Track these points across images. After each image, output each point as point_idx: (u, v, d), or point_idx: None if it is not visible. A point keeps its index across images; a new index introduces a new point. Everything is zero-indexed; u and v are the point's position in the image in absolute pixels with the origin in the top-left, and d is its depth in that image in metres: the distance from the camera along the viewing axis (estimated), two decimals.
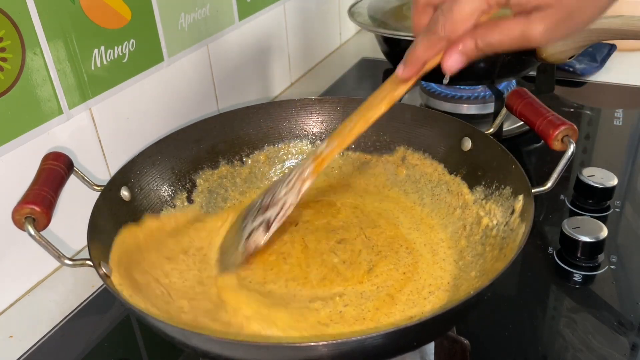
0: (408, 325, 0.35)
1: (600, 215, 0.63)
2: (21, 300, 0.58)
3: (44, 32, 0.55)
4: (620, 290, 0.54)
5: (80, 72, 0.59)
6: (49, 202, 0.43)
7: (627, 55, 1.01)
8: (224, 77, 0.82)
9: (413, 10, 0.43)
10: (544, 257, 0.58)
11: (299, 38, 1.00)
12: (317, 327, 0.45)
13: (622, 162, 0.73)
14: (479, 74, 0.76)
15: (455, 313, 0.38)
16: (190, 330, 0.38)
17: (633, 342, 0.49)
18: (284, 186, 0.50)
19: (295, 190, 0.49)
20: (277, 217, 0.49)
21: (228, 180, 0.62)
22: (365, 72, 1.05)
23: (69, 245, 0.62)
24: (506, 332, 0.50)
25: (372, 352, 0.37)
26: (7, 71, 0.52)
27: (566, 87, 0.93)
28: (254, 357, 0.37)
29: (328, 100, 0.64)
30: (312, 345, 0.35)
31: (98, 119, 0.63)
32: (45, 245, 0.41)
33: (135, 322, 0.54)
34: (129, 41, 0.64)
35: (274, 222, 0.49)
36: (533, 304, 0.53)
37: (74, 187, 0.54)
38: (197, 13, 0.74)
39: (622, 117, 0.82)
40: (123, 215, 0.51)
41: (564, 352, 0.48)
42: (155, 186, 0.56)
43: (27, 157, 0.55)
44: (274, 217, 0.49)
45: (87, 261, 0.42)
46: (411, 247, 0.53)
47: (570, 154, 0.47)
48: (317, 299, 0.47)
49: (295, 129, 0.64)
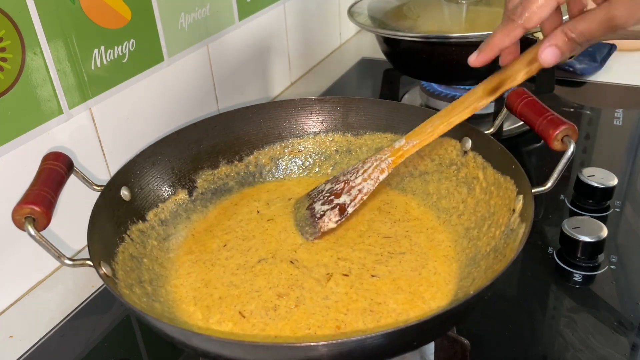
0: (408, 326, 0.35)
1: (601, 215, 0.63)
2: (21, 300, 0.58)
3: (44, 32, 0.55)
4: (620, 290, 0.54)
5: (80, 72, 0.59)
6: (48, 202, 0.43)
7: (627, 55, 1.01)
8: (224, 77, 0.82)
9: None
10: (544, 257, 0.58)
11: (299, 38, 1.00)
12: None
13: (622, 162, 0.73)
14: (479, 74, 0.76)
15: (455, 313, 0.38)
16: (190, 330, 0.38)
17: (633, 342, 0.49)
18: (359, 175, 0.54)
19: (373, 180, 0.54)
20: (354, 201, 0.53)
21: (228, 180, 0.62)
22: (365, 72, 1.05)
23: (69, 245, 0.62)
24: (506, 332, 0.50)
25: (372, 352, 0.37)
26: (7, 71, 0.52)
27: (566, 87, 0.93)
28: (254, 357, 0.37)
29: (328, 100, 0.64)
30: (311, 345, 0.35)
31: (98, 119, 0.63)
32: (45, 245, 0.41)
33: (135, 322, 0.54)
34: (129, 41, 0.64)
35: (349, 207, 0.53)
36: (533, 304, 0.53)
37: (74, 187, 0.54)
38: (197, 13, 0.74)
39: (622, 117, 0.82)
40: (123, 215, 0.51)
41: (563, 351, 0.48)
42: (156, 186, 0.56)
43: (27, 157, 0.55)
44: (349, 201, 0.54)
45: (87, 261, 0.42)
46: (412, 248, 0.53)
47: (570, 154, 0.47)
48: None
49: (295, 128, 0.64)
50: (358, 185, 0.54)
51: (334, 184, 0.55)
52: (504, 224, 0.49)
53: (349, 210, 0.53)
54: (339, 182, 0.55)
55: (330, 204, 0.54)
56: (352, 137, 0.64)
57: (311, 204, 0.56)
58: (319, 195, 0.56)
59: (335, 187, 0.55)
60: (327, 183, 0.57)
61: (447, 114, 0.52)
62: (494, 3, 0.82)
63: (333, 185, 0.55)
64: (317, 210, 0.54)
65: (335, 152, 0.64)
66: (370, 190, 0.53)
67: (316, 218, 0.54)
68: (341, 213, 0.53)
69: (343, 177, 0.56)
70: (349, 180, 0.55)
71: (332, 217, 0.53)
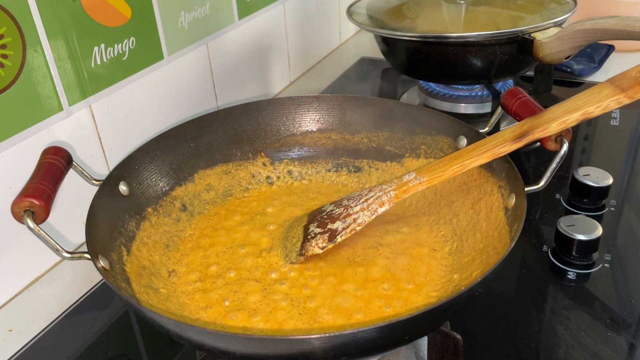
0: (399, 320, 0.36)
1: (596, 214, 0.64)
2: (20, 294, 0.59)
3: (45, 30, 0.55)
4: (614, 288, 0.55)
5: (80, 70, 0.60)
6: (48, 195, 0.43)
7: (625, 56, 1.01)
8: (223, 75, 0.83)
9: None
10: (539, 255, 0.59)
11: (298, 37, 1.00)
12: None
13: (619, 162, 0.74)
14: (477, 74, 0.77)
15: (446, 308, 0.38)
16: (185, 323, 0.39)
17: (626, 339, 0.49)
18: (359, 203, 0.51)
19: (371, 211, 0.50)
20: (346, 230, 0.50)
21: (226, 177, 0.62)
22: (365, 71, 1.05)
23: (68, 240, 0.63)
24: (500, 328, 0.51)
25: (365, 346, 0.37)
26: (7, 68, 0.53)
27: (564, 88, 0.93)
28: (248, 350, 0.37)
29: (325, 98, 0.64)
30: (304, 338, 0.35)
31: (98, 116, 0.63)
32: (43, 238, 0.42)
33: (133, 317, 0.55)
34: (129, 39, 0.65)
35: (340, 235, 0.50)
36: (527, 301, 0.54)
37: (74, 182, 0.54)
38: (197, 12, 0.74)
39: (618, 118, 0.83)
40: (121, 209, 0.51)
41: (556, 348, 0.49)
42: (154, 181, 0.56)
43: (28, 154, 0.56)
44: (340, 229, 0.51)
45: (85, 254, 0.43)
46: (404, 243, 0.54)
47: (562, 154, 0.47)
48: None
49: (293, 126, 0.64)
50: (354, 214, 0.51)
51: (335, 207, 0.53)
52: (498, 221, 0.49)
53: (338, 239, 0.50)
54: (340, 206, 0.53)
55: (323, 228, 0.52)
56: (349, 135, 0.64)
57: (309, 222, 0.54)
58: (318, 215, 0.54)
59: (335, 210, 0.53)
60: (330, 204, 0.54)
61: (464, 155, 0.49)
62: (493, 3, 0.83)
63: (334, 209, 0.53)
64: (311, 230, 0.52)
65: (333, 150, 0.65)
66: (366, 222, 0.50)
67: (307, 238, 0.52)
68: (330, 240, 0.50)
69: (346, 201, 0.53)
70: (348, 207, 0.52)
71: (319, 242, 0.51)
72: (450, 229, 0.54)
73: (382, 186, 0.52)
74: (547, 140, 0.48)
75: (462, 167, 0.49)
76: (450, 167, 0.49)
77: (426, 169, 0.50)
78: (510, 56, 0.74)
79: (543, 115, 0.47)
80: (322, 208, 0.55)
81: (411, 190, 0.50)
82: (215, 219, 0.59)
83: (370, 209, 0.50)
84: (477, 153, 0.48)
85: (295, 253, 0.52)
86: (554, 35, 0.68)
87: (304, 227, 0.53)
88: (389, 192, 0.51)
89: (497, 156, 0.48)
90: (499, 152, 0.48)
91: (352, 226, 0.50)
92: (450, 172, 0.49)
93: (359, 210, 0.51)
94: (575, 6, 0.77)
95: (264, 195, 0.63)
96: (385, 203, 0.50)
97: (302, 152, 0.65)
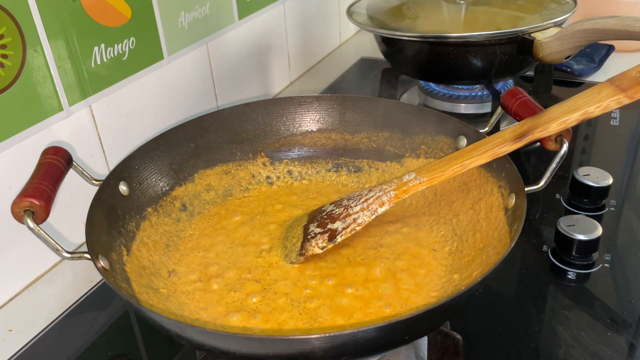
0: (399, 320, 0.36)
1: (596, 214, 0.64)
2: (20, 294, 0.59)
3: (45, 30, 0.55)
4: (614, 288, 0.55)
5: (80, 70, 0.60)
6: (47, 195, 0.43)
7: (625, 56, 1.01)
8: (223, 75, 0.83)
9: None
10: (539, 255, 0.59)
11: (298, 37, 1.01)
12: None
13: (619, 162, 0.74)
14: (477, 74, 0.77)
15: (446, 309, 0.38)
16: (185, 323, 0.39)
17: (626, 339, 0.49)
18: (359, 203, 0.51)
19: (371, 211, 0.50)
20: (346, 230, 0.50)
21: (226, 177, 0.62)
22: (365, 71, 1.05)
23: (69, 240, 0.63)
24: (500, 328, 0.51)
25: (365, 346, 0.37)
26: (7, 68, 0.53)
27: (564, 88, 0.93)
28: (248, 350, 0.37)
29: (325, 98, 0.64)
30: (304, 338, 0.35)
31: (98, 116, 0.63)
32: (43, 238, 0.42)
33: (133, 317, 0.55)
34: (129, 39, 0.65)
35: (340, 235, 0.50)
36: (527, 301, 0.54)
37: (74, 182, 0.54)
38: (197, 12, 0.74)
39: (618, 118, 0.83)
40: (121, 209, 0.52)
41: (556, 348, 0.49)
42: (154, 181, 0.56)
43: (28, 154, 0.56)
44: (340, 229, 0.51)
45: (85, 254, 0.43)
46: (405, 244, 0.54)
47: (562, 154, 0.47)
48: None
49: (293, 126, 0.65)
50: (354, 214, 0.51)
51: (335, 207, 0.53)
52: (498, 221, 0.49)
53: (338, 239, 0.50)
54: (340, 206, 0.53)
55: (323, 228, 0.51)
56: (349, 135, 0.64)
57: (309, 222, 0.54)
58: (318, 215, 0.54)
59: (335, 210, 0.53)
60: (330, 204, 0.54)
61: (464, 155, 0.49)
62: (493, 3, 0.83)
63: (334, 209, 0.53)
64: (311, 230, 0.52)
65: (333, 150, 0.65)
66: (366, 222, 0.50)
67: (307, 238, 0.52)
68: (330, 240, 0.50)
69: (346, 201, 0.53)
70: (348, 207, 0.52)
71: (319, 242, 0.50)
72: (450, 229, 0.54)
73: (382, 186, 0.52)
74: (547, 140, 0.48)
75: (462, 167, 0.48)
76: (450, 167, 0.49)
77: (426, 169, 0.50)
78: (510, 56, 0.74)
79: (543, 115, 0.47)
80: (322, 208, 0.55)
81: (411, 190, 0.50)
82: (215, 219, 0.59)
83: (370, 209, 0.51)
84: (477, 153, 0.48)
85: (295, 253, 0.51)
86: (554, 35, 0.68)
87: (304, 227, 0.53)
88: (389, 192, 0.51)
89: (497, 156, 0.48)
90: (499, 152, 0.48)
91: (352, 226, 0.51)
92: (450, 172, 0.49)
93: (359, 210, 0.51)
94: (575, 6, 0.77)
95: (264, 195, 0.63)
96: (385, 203, 0.50)
97: (302, 152, 0.65)
